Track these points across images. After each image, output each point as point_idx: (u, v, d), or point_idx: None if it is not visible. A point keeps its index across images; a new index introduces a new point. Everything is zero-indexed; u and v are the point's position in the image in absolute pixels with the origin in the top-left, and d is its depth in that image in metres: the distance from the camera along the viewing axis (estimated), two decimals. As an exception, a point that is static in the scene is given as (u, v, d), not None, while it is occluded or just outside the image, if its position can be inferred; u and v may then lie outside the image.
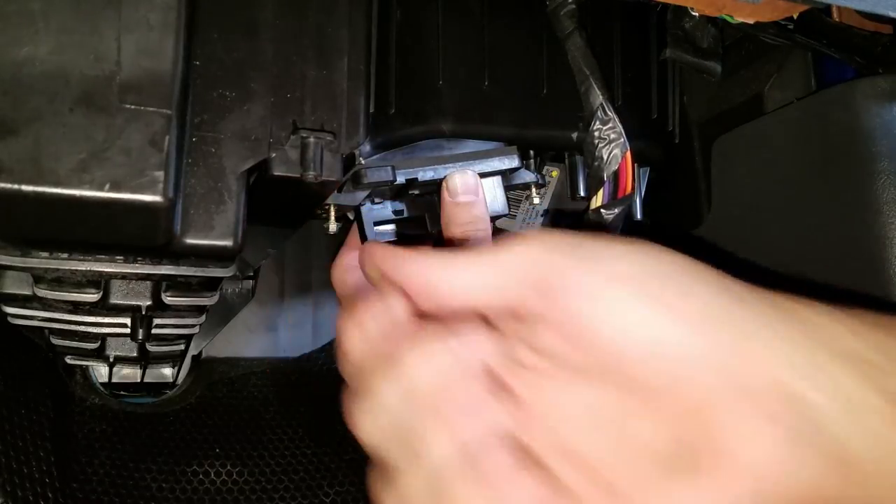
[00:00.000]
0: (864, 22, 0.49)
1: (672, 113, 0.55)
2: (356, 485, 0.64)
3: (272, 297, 0.78)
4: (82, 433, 0.62)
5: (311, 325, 0.78)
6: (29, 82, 0.35)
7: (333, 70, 0.46)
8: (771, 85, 0.57)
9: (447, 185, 0.48)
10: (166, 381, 0.72)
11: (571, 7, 0.48)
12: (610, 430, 0.30)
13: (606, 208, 0.47)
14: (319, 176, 0.44)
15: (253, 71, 0.44)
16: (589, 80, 0.47)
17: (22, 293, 0.50)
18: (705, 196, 0.61)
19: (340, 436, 0.68)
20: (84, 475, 0.59)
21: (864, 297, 0.47)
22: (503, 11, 0.48)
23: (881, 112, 0.48)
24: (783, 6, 0.45)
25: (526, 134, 0.49)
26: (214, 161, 0.42)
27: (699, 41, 0.53)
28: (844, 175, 0.49)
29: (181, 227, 0.41)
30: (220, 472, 0.62)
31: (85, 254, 0.44)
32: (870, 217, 0.47)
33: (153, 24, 0.37)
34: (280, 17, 0.45)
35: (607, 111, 0.46)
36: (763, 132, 0.56)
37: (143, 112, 0.36)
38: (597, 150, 0.47)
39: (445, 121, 0.47)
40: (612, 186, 0.47)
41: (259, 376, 0.73)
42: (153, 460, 0.62)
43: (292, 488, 0.63)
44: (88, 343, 0.59)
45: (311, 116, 0.45)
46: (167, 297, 0.51)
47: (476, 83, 0.48)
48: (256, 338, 0.76)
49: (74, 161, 0.35)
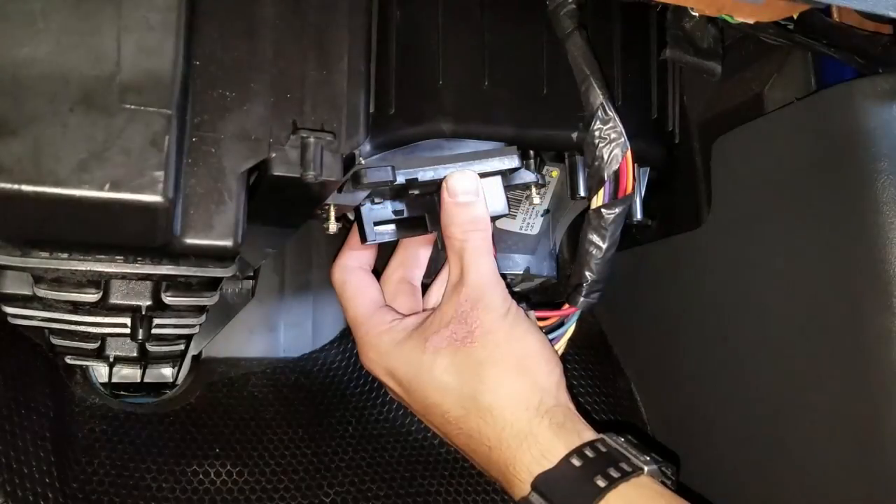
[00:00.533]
0: (864, 22, 0.49)
1: (672, 113, 0.55)
2: (356, 485, 0.64)
3: (272, 297, 0.78)
4: (82, 433, 0.62)
5: (311, 325, 0.78)
6: (29, 82, 0.35)
7: (333, 70, 0.46)
8: (771, 85, 0.57)
9: (447, 186, 0.48)
10: (166, 381, 0.72)
11: (571, 7, 0.48)
12: None
13: (607, 208, 0.47)
14: (319, 176, 0.44)
15: (253, 71, 0.44)
16: (589, 79, 0.47)
17: (22, 293, 0.50)
18: (705, 196, 0.61)
19: (340, 436, 0.68)
20: (84, 475, 0.58)
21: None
22: (503, 11, 0.48)
23: (881, 112, 0.48)
24: (783, 6, 0.45)
25: (526, 134, 0.49)
26: (214, 161, 0.42)
27: (699, 41, 0.53)
28: (844, 175, 0.49)
29: (181, 227, 0.41)
30: (220, 472, 0.62)
31: (85, 254, 0.44)
32: (870, 217, 0.47)
33: (153, 24, 0.37)
34: (280, 17, 0.45)
35: (608, 111, 0.46)
36: (763, 132, 0.56)
37: (143, 112, 0.36)
38: (597, 149, 0.47)
39: (445, 121, 0.47)
40: (613, 186, 0.47)
41: (259, 376, 0.73)
42: (153, 460, 0.61)
43: (292, 488, 0.63)
44: (88, 343, 0.59)
45: (311, 116, 0.45)
46: (167, 297, 0.51)
47: (476, 83, 0.48)
48: (256, 338, 0.76)
49: (74, 161, 0.35)
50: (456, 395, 0.46)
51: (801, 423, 0.52)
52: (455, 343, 0.46)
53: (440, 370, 0.46)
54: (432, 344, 0.47)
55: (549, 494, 0.41)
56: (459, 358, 0.46)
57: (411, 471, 0.67)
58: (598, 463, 0.42)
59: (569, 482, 0.41)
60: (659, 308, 0.68)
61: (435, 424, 0.49)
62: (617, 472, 0.41)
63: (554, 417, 0.44)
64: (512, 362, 0.46)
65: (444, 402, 0.47)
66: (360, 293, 0.53)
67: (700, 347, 0.63)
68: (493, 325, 0.46)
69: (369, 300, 0.53)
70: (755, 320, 0.56)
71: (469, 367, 0.46)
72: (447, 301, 0.48)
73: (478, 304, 0.47)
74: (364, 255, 0.55)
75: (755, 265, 0.56)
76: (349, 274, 0.54)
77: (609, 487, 0.40)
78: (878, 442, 0.47)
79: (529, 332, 0.47)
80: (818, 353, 0.51)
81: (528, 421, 0.44)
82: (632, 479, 0.41)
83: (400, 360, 0.49)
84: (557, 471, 0.42)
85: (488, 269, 0.48)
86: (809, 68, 0.56)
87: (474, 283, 0.47)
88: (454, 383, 0.46)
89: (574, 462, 0.42)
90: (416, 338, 0.48)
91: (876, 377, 0.47)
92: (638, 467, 0.41)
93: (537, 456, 0.43)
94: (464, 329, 0.46)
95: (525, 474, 0.43)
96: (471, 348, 0.46)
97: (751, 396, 0.57)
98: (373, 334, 0.50)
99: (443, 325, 0.47)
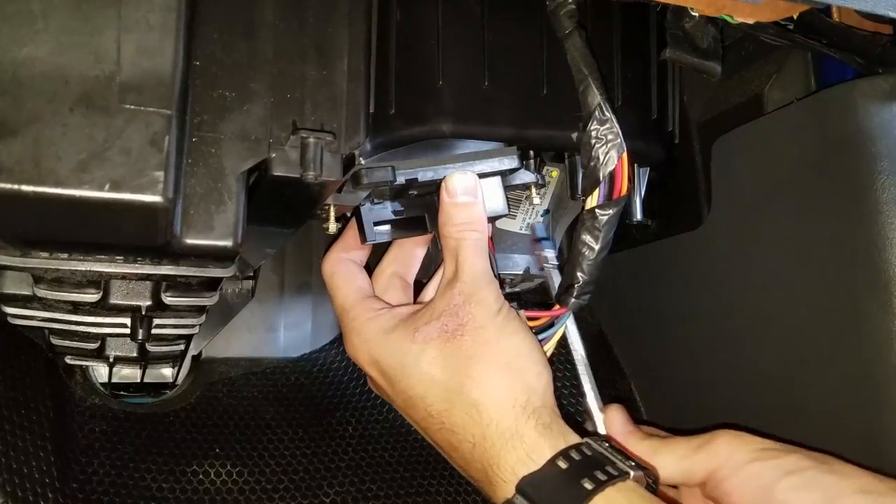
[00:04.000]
0: (863, 22, 0.49)
1: (672, 113, 0.55)
2: (356, 485, 0.64)
3: (272, 297, 0.78)
4: (82, 433, 0.62)
5: (310, 325, 0.78)
6: (29, 82, 0.35)
7: (333, 70, 0.46)
8: (771, 85, 0.57)
9: (446, 186, 0.48)
10: (166, 381, 0.72)
11: (571, 7, 0.48)
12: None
13: (601, 209, 0.47)
14: (319, 176, 0.44)
15: (253, 71, 0.44)
16: (587, 79, 0.47)
17: (22, 293, 0.50)
18: (705, 196, 0.61)
19: (340, 436, 0.68)
20: (84, 475, 0.58)
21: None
22: (503, 11, 0.48)
23: (881, 112, 0.48)
24: (783, 6, 0.45)
25: (526, 134, 0.49)
26: (214, 161, 0.42)
27: (699, 41, 0.53)
28: (844, 175, 0.49)
29: (181, 227, 0.41)
30: (220, 472, 0.62)
31: (85, 254, 0.44)
32: (870, 217, 0.47)
33: (153, 24, 0.37)
34: (280, 17, 0.45)
35: (605, 111, 0.46)
36: (763, 132, 0.56)
37: (143, 112, 0.36)
38: (593, 150, 0.47)
39: (445, 121, 0.47)
40: (608, 187, 0.47)
41: (259, 376, 0.73)
42: (153, 460, 0.61)
43: (292, 488, 0.63)
44: (88, 343, 0.59)
45: (311, 116, 0.45)
46: (167, 297, 0.51)
47: (476, 83, 0.48)
48: (256, 338, 0.76)
49: (74, 161, 0.35)
50: (442, 388, 0.45)
51: (802, 423, 0.52)
52: (445, 335, 0.46)
53: (427, 361, 0.46)
54: (421, 334, 0.46)
55: (535, 497, 0.40)
56: (448, 350, 0.45)
57: (411, 471, 0.67)
58: (583, 466, 0.41)
59: (555, 484, 0.40)
60: (659, 308, 0.68)
61: (415, 419, 0.48)
62: (603, 475, 0.40)
63: (541, 418, 0.43)
64: (502, 359, 0.45)
65: (428, 395, 0.46)
66: (349, 282, 0.52)
67: (700, 347, 0.63)
68: (485, 320, 0.46)
69: (358, 288, 0.52)
70: (755, 320, 0.56)
71: (457, 361, 0.45)
72: (440, 296, 0.48)
73: (471, 298, 0.46)
74: (356, 249, 0.54)
75: (755, 265, 0.56)
76: (339, 264, 0.53)
77: (596, 490, 0.39)
78: (879, 442, 0.47)
79: (521, 332, 0.47)
80: (818, 353, 0.51)
81: (514, 419, 0.43)
82: (618, 483, 0.40)
83: (386, 349, 0.48)
84: (542, 473, 0.41)
85: (483, 267, 0.48)
86: (809, 68, 0.56)
87: (468, 280, 0.47)
88: (441, 376, 0.45)
89: (560, 464, 0.41)
90: (405, 327, 0.47)
91: (876, 377, 0.47)
92: (624, 471, 0.41)
93: (522, 456, 0.42)
94: (455, 322, 0.46)
95: (509, 474, 0.42)
96: (461, 341, 0.45)
97: (751, 395, 0.57)
98: (360, 321, 0.49)
99: (434, 317, 0.47)
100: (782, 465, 0.42)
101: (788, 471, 0.41)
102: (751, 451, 0.43)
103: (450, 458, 0.47)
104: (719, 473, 0.44)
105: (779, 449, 0.43)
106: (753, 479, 0.42)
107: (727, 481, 0.43)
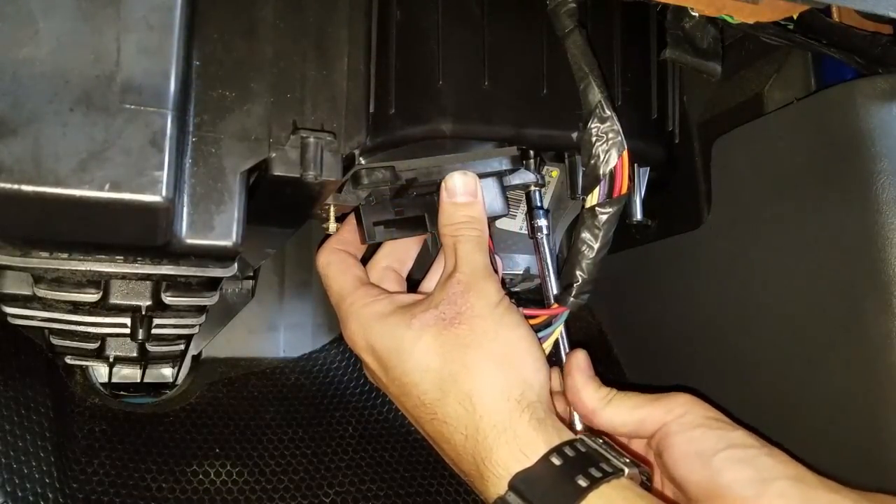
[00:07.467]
0: (863, 22, 0.49)
1: (672, 113, 0.55)
2: (356, 485, 0.64)
3: (272, 297, 0.78)
4: (82, 433, 0.62)
5: (311, 325, 0.78)
6: (29, 82, 0.35)
7: (333, 70, 0.46)
8: (771, 85, 0.57)
9: (446, 186, 0.48)
10: (166, 381, 0.72)
11: (571, 6, 0.48)
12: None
13: (601, 207, 0.47)
14: (319, 176, 0.44)
15: (253, 71, 0.44)
16: (588, 78, 0.47)
17: (22, 293, 0.50)
18: (705, 196, 0.61)
19: (340, 436, 0.68)
20: (84, 475, 0.59)
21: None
22: (503, 11, 0.48)
23: (881, 112, 0.48)
24: (783, 6, 0.45)
25: (526, 134, 0.49)
26: (214, 161, 0.42)
27: (699, 41, 0.53)
28: (844, 175, 0.49)
29: (181, 227, 0.41)
30: (220, 472, 0.62)
31: (85, 254, 0.44)
32: (870, 217, 0.47)
33: (153, 24, 0.37)
34: (280, 17, 0.45)
35: (605, 109, 0.46)
36: (763, 132, 0.56)
37: (143, 112, 0.36)
38: (594, 148, 0.47)
39: (445, 121, 0.47)
40: (608, 185, 0.47)
41: (259, 376, 0.73)
42: (153, 460, 0.62)
43: (292, 488, 0.63)
44: (88, 343, 0.59)
45: (311, 116, 0.45)
46: (167, 297, 0.51)
47: (476, 83, 0.48)
48: (256, 338, 0.76)
49: (74, 161, 0.35)
50: (436, 376, 0.44)
51: (802, 423, 0.52)
52: (442, 322, 0.45)
53: (423, 348, 0.45)
54: (418, 321, 0.46)
55: (528, 494, 0.40)
56: (445, 338, 0.45)
57: (411, 471, 0.67)
58: (578, 463, 0.41)
59: (548, 481, 0.40)
60: (659, 308, 0.68)
61: (407, 407, 0.47)
62: (598, 472, 0.40)
63: (535, 413, 0.43)
64: (498, 351, 0.45)
65: (422, 383, 0.45)
66: (345, 271, 0.52)
67: (700, 347, 0.63)
68: (484, 311, 0.45)
69: (355, 276, 0.51)
70: (755, 320, 0.56)
71: (453, 349, 0.44)
72: (440, 287, 0.47)
73: (470, 288, 0.46)
74: (351, 243, 0.54)
75: (755, 265, 0.56)
76: (334, 255, 0.53)
77: (591, 487, 0.39)
78: (879, 442, 0.47)
79: (520, 326, 0.47)
80: (818, 353, 0.51)
81: (508, 413, 0.43)
82: (612, 481, 0.40)
83: (382, 334, 0.47)
84: (536, 469, 0.41)
85: (483, 261, 0.48)
86: (809, 68, 0.56)
87: (468, 271, 0.47)
88: (436, 364, 0.45)
89: (554, 461, 0.41)
90: (402, 314, 0.47)
91: (876, 377, 0.47)
92: (619, 468, 0.41)
93: (515, 451, 0.42)
94: (453, 310, 0.45)
95: (502, 470, 0.41)
96: (458, 330, 0.45)
97: (751, 396, 0.57)
98: (358, 305, 0.49)
99: (432, 305, 0.46)
100: (727, 437, 0.42)
101: (731, 444, 0.42)
102: (703, 416, 0.44)
103: (441, 452, 0.47)
104: (668, 428, 0.44)
105: (729, 423, 0.44)
106: (696, 441, 0.43)
107: (673, 437, 0.44)
